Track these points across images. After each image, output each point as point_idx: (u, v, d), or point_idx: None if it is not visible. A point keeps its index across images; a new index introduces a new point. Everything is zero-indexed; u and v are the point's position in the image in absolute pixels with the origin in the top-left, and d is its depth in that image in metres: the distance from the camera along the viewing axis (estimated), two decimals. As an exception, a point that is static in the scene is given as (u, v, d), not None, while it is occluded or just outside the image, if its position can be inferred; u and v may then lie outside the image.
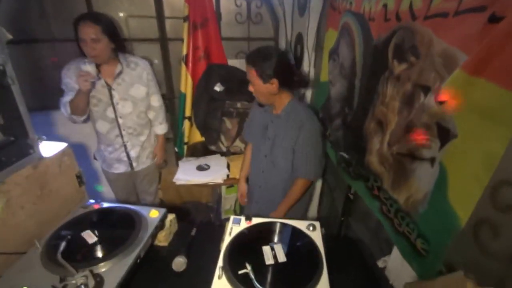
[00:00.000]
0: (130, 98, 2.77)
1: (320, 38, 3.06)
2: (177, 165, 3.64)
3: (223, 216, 3.90)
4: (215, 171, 3.40)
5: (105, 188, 3.47)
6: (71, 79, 2.57)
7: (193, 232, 1.95)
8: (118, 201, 3.28)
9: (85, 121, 2.75)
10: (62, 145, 1.78)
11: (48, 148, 1.73)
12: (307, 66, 3.29)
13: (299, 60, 3.44)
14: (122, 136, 2.89)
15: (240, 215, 1.83)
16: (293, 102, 2.30)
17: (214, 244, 1.69)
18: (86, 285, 1.26)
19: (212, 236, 1.81)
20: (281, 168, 2.44)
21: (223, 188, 3.75)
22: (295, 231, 1.71)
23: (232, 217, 1.80)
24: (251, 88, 2.26)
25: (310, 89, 3.38)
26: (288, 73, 2.23)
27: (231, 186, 3.71)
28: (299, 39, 3.42)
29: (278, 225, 1.75)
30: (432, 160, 1.44)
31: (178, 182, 3.29)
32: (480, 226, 1.18)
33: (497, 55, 1.07)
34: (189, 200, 4.21)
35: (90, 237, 1.58)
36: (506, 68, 1.04)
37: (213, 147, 3.73)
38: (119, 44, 2.66)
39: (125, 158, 3.02)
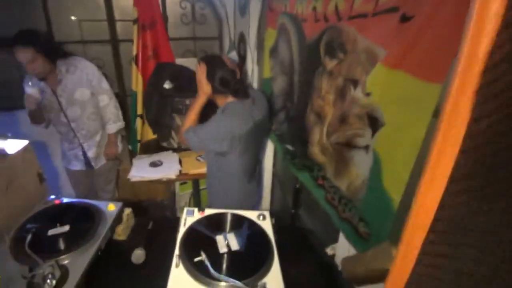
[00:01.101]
0: (76, 102, 2.79)
1: (261, 37, 3.14)
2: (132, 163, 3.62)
3: (179, 214, 3.88)
4: (168, 167, 3.35)
5: (66, 184, 3.43)
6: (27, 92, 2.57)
7: (150, 225, 1.97)
8: (77, 197, 3.26)
9: (46, 126, 2.82)
10: (24, 142, 1.79)
11: (12, 145, 1.74)
12: (251, 64, 3.37)
13: (243, 58, 3.52)
14: (78, 138, 2.91)
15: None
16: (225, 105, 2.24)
17: (170, 236, 1.69)
18: (53, 274, 1.29)
19: (169, 229, 1.84)
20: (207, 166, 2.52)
21: (177, 185, 3.77)
22: (246, 220, 1.74)
23: (185, 209, 1.82)
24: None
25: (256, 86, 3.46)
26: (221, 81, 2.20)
27: (185, 183, 3.73)
28: (242, 38, 3.50)
29: (229, 216, 1.78)
30: (366, 148, 1.53)
31: (133, 179, 3.22)
32: (408, 206, 1.27)
33: (410, 49, 1.18)
34: (145, 198, 4.20)
35: (53, 230, 1.61)
36: (418, 61, 1.16)
37: (165, 144, 3.73)
38: (55, 55, 2.66)
39: (82, 157, 3.05)
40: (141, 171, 3.31)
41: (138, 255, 1.71)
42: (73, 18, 3.52)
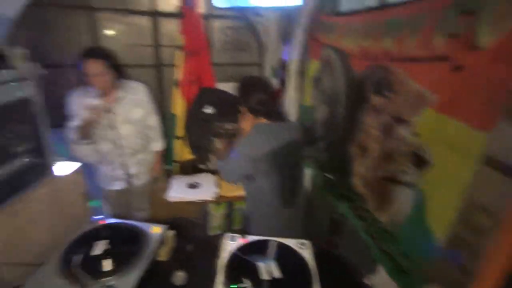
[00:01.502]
0: (130, 121, 2.85)
1: (303, 66, 3.20)
2: (167, 182, 3.69)
3: (210, 233, 3.89)
4: (205, 189, 3.41)
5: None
6: (76, 105, 2.65)
7: (190, 247, 1.99)
8: (113, 215, 3.28)
9: (90, 143, 2.81)
10: (75, 165, 1.84)
11: (65, 168, 1.79)
12: (291, 90, 3.41)
13: (283, 84, 3.57)
14: (122, 156, 2.95)
15: (227, 231, 1.89)
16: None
17: (209, 258, 1.72)
18: None
19: (207, 251, 1.85)
20: None
21: (211, 205, 3.80)
22: (288, 249, 1.73)
23: (228, 235, 1.83)
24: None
25: (294, 111, 3.50)
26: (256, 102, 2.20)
27: (218, 203, 3.76)
28: (283, 65, 3.55)
29: (271, 243, 1.76)
30: (410, 185, 1.54)
31: (171, 199, 3.30)
32: (455, 246, 1.28)
33: (460, 98, 1.20)
34: (176, 216, 4.21)
35: (100, 251, 1.62)
36: (468, 109, 1.17)
37: (202, 166, 3.79)
38: (120, 73, 2.76)
39: (123, 176, 3.07)
40: (179, 191, 3.36)
41: (179, 277, 1.71)
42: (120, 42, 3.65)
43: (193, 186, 3.48)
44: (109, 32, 3.56)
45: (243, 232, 1.91)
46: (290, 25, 3.30)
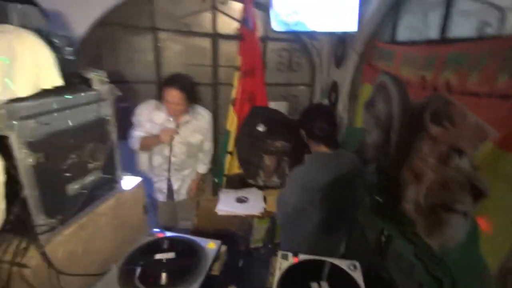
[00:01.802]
0: (187, 143, 2.98)
1: (355, 89, 3.26)
2: (214, 194, 3.80)
3: (252, 245, 3.91)
4: (253, 204, 3.46)
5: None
6: (144, 117, 2.81)
7: (241, 263, 2.03)
8: (159, 224, 3.43)
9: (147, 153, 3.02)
10: (136, 180, 1.90)
11: (127, 182, 1.85)
12: (342, 112, 3.47)
13: (333, 105, 3.63)
14: (169, 171, 3.06)
15: (271, 247, 1.87)
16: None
17: (260, 274, 1.78)
18: None
19: (257, 266, 1.87)
20: None
21: (255, 218, 3.85)
22: (339, 270, 1.72)
23: (280, 253, 1.81)
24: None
25: (341, 131, 3.56)
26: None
27: (263, 218, 3.81)
28: (334, 87, 3.62)
29: (323, 264, 1.75)
30: (465, 214, 1.57)
31: (220, 212, 3.34)
32: (508, 275, 1.30)
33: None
34: (219, 227, 4.28)
35: (159, 264, 1.64)
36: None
37: (251, 181, 3.86)
38: (193, 101, 2.88)
39: (165, 190, 3.19)
40: (228, 205, 3.41)
41: None
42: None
43: (241, 200, 3.52)
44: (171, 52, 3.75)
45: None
46: (344, 49, 3.37)
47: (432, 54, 1.90)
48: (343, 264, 1.75)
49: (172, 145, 2.89)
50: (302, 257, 1.81)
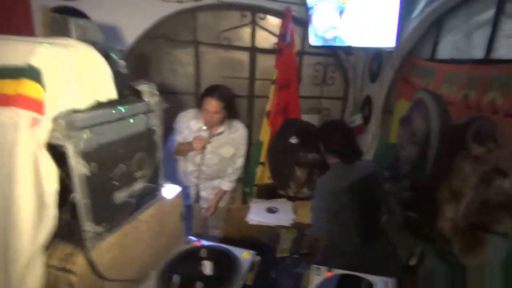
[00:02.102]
0: (219, 155, 3.03)
1: (389, 104, 3.27)
2: (244, 203, 3.94)
3: (279, 255, 3.75)
4: (283, 215, 3.47)
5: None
6: (183, 124, 2.93)
7: (274, 274, 2.03)
8: (189, 229, 3.42)
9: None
10: (176, 188, 1.89)
11: (168, 191, 1.85)
12: (374, 127, 3.48)
13: (366, 119, 3.64)
14: (198, 178, 3.12)
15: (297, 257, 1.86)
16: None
17: (289, 285, 1.84)
18: None
19: (289, 278, 1.88)
20: None
21: (283, 229, 3.86)
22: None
23: (313, 266, 1.81)
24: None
25: (374, 145, 3.57)
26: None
27: (290, 228, 3.81)
28: (368, 101, 3.63)
29: (357, 279, 1.75)
30: (504, 235, 1.56)
31: (251, 222, 3.36)
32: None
33: None
34: (246, 235, 4.30)
35: (198, 274, 1.65)
36: None
37: (281, 191, 3.88)
38: (231, 114, 2.93)
39: (194, 196, 3.22)
40: (258, 215, 3.42)
41: None
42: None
43: (271, 210, 3.52)
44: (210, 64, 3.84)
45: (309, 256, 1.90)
46: (379, 64, 3.38)
47: (476, 73, 1.90)
48: (377, 280, 1.73)
49: (204, 154, 2.95)
50: (336, 271, 1.79)
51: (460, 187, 1.93)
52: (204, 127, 2.84)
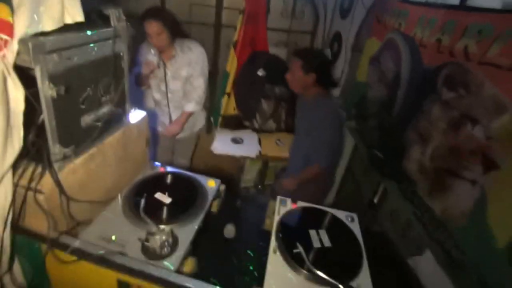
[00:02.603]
0: (180, 78, 3.02)
1: (360, 42, 3.22)
2: (208, 132, 3.94)
3: (243, 185, 4.01)
4: (249, 146, 3.52)
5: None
6: (141, 56, 2.95)
7: (239, 203, 2.07)
8: (156, 157, 3.48)
9: (145, 89, 3.15)
10: (141, 113, 1.90)
11: (133, 116, 1.85)
12: (342, 63, 3.46)
13: (335, 55, 3.60)
14: (168, 106, 3.16)
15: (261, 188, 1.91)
16: (321, 94, 2.46)
17: (256, 214, 1.86)
18: (168, 241, 1.40)
19: (253, 207, 2.00)
20: (300, 147, 2.65)
21: (248, 160, 3.86)
22: (337, 220, 1.76)
23: (278, 198, 1.84)
24: (288, 76, 2.48)
25: (341, 83, 3.57)
26: (325, 73, 2.44)
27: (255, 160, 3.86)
28: (337, 37, 3.59)
29: (321, 212, 1.81)
30: (473, 182, 1.58)
31: (216, 151, 3.40)
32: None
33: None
34: (212, 165, 4.35)
35: (163, 198, 1.70)
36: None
37: (247, 123, 3.89)
38: (177, 32, 2.89)
39: (167, 122, 3.26)
40: (224, 145, 3.49)
41: (229, 230, 1.81)
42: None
43: (236, 141, 3.59)
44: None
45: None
46: (351, 1, 3.30)
47: (451, 19, 1.86)
48: (341, 215, 1.80)
49: (167, 80, 2.99)
50: (300, 204, 1.84)
51: (428, 130, 1.95)
52: (153, 52, 2.87)
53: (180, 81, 3.03)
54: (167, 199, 1.69)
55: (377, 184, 2.70)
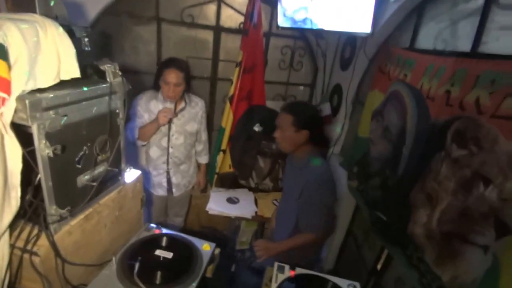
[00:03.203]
0: (184, 132, 2.98)
1: (361, 94, 3.14)
2: (204, 191, 3.80)
3: (238, 247, 3.87)
4: (245, 206, 3.44)
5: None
6: (142, 107, 2.86)
7: (233, 268, 1.97)
8: (151, 218, 3.42)
9: (143, 145, 2.99)
10: (136, 173, 1.90)
11: (128, 176, 1.85)
12: (343, 117, 3.35)
13: (335, 109, 3.51)
14: (168, 163, 3.07)
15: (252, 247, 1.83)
16: (310, 153, 2.29)
17: (251, 282, 1.87)
18: None
19: (250, 273, 1.98)
20: (289, 215, 2.45)
21: (244, 221, 3.78)
22: None
23: (276, 264, 1.81)
24: (277, 134, 2.29)
25: (341, 139, 3.48)
26: (318, 129, 2.29)
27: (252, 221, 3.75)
28: (337, 90, 3.50)
29: (321, 281, 1.76)
30: (485, 248, 1.45)
31: (211, 212, 3.33)
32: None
33: None
34: (207, 225, 4.28)
35: (158, 261, 1.67)
36: None
37: (243, 182, 3.77)
38: (189, 87, 2.91)
39: (165, 184, 3.19)
40: (219, 205, 3.40)
41: None
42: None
43: (232, 201, 3.52)
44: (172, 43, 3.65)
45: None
46: (352, 51, 3.23)
47: (462, 67, 1.73)
48: (342, 283, 1.73)
49: (170, 135, 2.92)
50: (299, 271, 1.80)
51: (436, 190, 1.80)
52: (168, 103, 2.81)
53: (183, 136, 3.00)
54: (161, 263, 1.66)
55: (380, 249, 2.59)
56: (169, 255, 1.71)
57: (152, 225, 1.96)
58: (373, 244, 2.82)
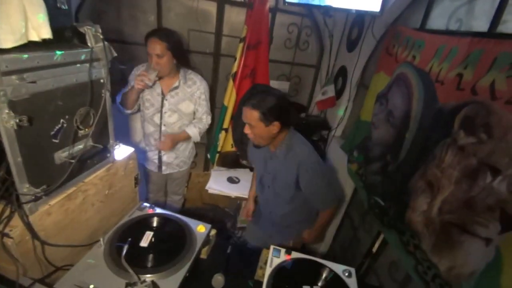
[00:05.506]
0: (178, 111, 2.84)
1: (366, 77, 3.00)
2: (205, 169, 3.85)
3: (239, 225, 3.86)
4: (245, 186, 3.41)
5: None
6: (133, 76, 2.72)
7: (229, 249, 1.89)
8: (149, 193, 3.38)
9: (128, 114, 2.88)
10: (129, 150, 1.83)
11: (119, 152, 1.78)
12: (346, 101, 3.23)
13: (339, 91, 3.36)
14: (160, 140, 2.94)
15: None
16: (287, 139, 2.19)
17: (248, 263, 1.77)
18: None
19: (245, 256, 1.87)
20: (283, 198, 2.37)
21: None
22: (334, 276, 1.67)
23: (272, 247, 1.78)
24: (247, 131, 2.13)
25: (344, 122, 3.39)
26: (288, 114, 2.11)
27: (253, 200, 3.70)
28: (342, 72, 3.35)
29: (317, 266, 1.72)
30: (487, 241, 1.36)
31: (210, 191, 3.33)
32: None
33: None
34: (208, 203, 4.24)
35: (148, 243, 1.61)
36: None
37: (244, 162, 3.69)
38: (182, 60, 2.74)
39: (156, 161, 3.09)
40: (219, 184, 3.42)
41: (218, 280, 1.66)
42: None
43: (233, 180, 3.54)
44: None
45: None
46: (360, 32, 3.07)
47: (478, 48, 1.57)
48: (338, 269, 1.71)
49: (163, 112, 2.78)
50: (295, 255, 1.77)
51: (439, 179, 1.68)
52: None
53: (177, 114, 2.85)
54: (152, 246, 1.61)
55: (376, 233, 2.52)
56: (160, 236, 1.66)
57: (146, 204, 1.89)
58: (369, 227, 2.75)
